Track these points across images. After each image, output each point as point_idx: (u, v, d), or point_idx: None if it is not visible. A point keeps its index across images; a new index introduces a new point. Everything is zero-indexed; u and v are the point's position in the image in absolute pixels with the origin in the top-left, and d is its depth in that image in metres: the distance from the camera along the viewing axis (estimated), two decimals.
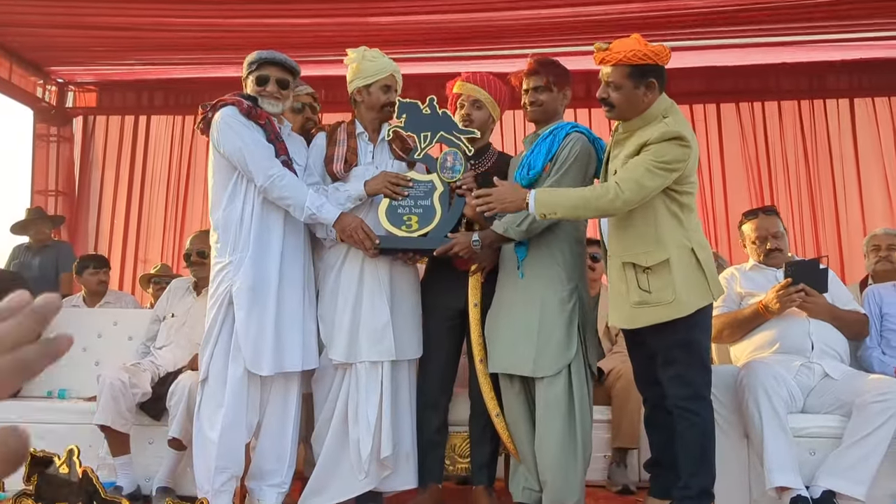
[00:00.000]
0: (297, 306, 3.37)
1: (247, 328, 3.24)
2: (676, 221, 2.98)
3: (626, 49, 2.97)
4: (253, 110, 3.35)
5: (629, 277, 3.02)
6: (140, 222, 7.55)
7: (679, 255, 2.95)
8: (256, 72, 3.42)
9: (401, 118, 3.37)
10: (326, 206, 3.29)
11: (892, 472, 3.27)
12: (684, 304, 2.93)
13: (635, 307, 3.01)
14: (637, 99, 3.01)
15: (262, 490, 3.37)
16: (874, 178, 7.27)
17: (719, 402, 3.49)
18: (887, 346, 3.76)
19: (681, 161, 2.90)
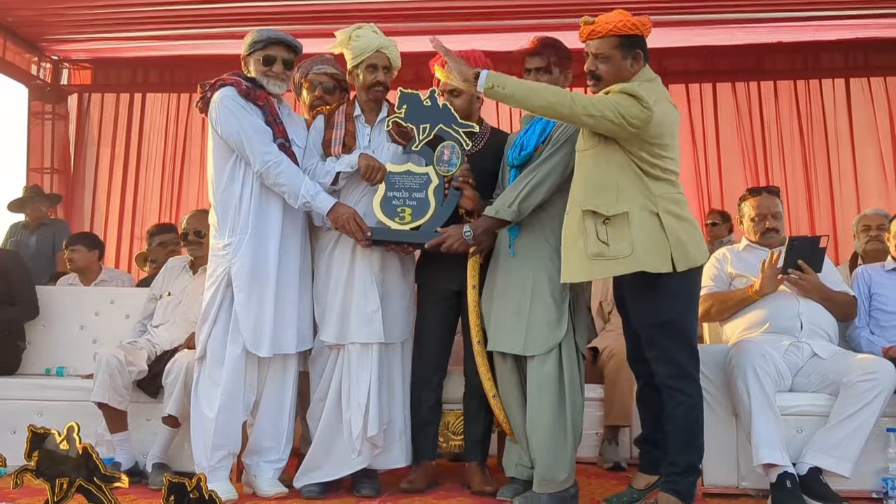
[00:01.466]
0: (294, 288, 3.41)
1: (247, 309, 3.28)
2: (642, 185, 2.98)
3: (615, 20, 3.02)
4: (252, 91, 3.36)
5: (588, 228, 3.02)
6: (136, 200, 7.57)
7: (640, 216, 2.96)
8: (262, 51, 3.41)
9: (401, 109, 3.35)
10: (321, 196, 3.31)
11: (877, 450, 3.33)
12: (641, 261, 2.94)
13: (592, 259, 3.01)
14: (625, 70, 3.05)
15: (259, 466, 3.43)
16: (869, 157, 7.30)
17: (709, 381, 3.54)
18: (875, 326, 3.80)
19: (637, 118, 2.90)
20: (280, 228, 3.37)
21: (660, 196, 2.99)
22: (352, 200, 3.43)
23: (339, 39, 3.46)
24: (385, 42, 3.47)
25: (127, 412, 3.79)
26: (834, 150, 7.30)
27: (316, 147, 3.50)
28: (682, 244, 2.97)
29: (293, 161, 3.36)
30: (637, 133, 2.93)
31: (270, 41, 3.41)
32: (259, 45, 3.41)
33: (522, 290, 3.25)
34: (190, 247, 4.21)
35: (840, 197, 7.23)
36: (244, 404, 3.34)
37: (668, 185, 3.02)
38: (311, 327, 3.48)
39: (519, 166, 3.35)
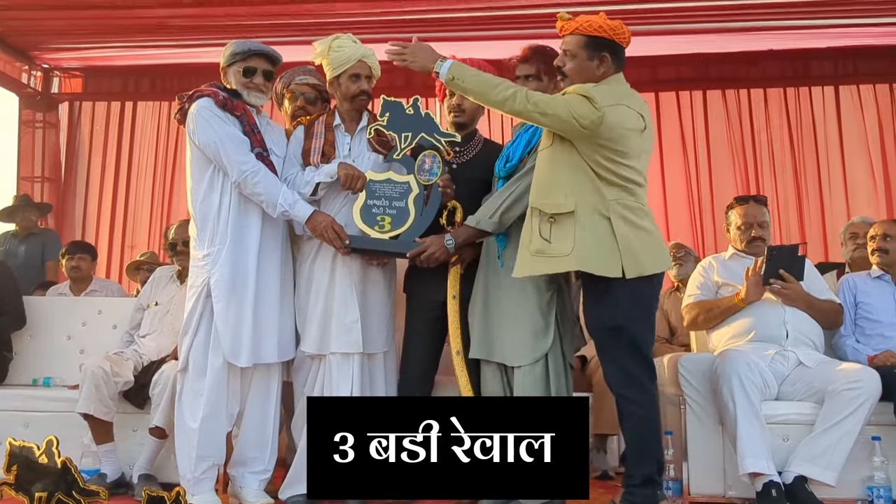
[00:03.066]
0: (275, 297, 3.40)
1: (225, 320, 3.28)
2: (594, 187, 2.98)
3: (585, 20, 3.05)
4: (229, 101, 3.36)
5: (534, 224, 3.05)
6: (127, 209, 7.56)
7: (589, 217, 2.96)
8: (242, 63, 3.42)
9: (383, 116, 3.35)
10: (299, 204, 3.32)
11: (862, 458, 3.32)
12: (582, 261, 2.94)
13: (534, 255, 3.02)
14: (589, 71, 3.06)
15: (245, 477, 3.41)
16: (858, 164, 7.31)
17: (695, 390, 3.56)
18: (861, 334, 3.81)
19: (586, 118, 2.91)
20: (259, 238, 3.37)
21: (613, 201, 2.98)
22: (332, 210, 3.42)
23: (319, 50, 3.46)
24: (366, 51, 3.47)
25: (113, 423, 3.78)
26: (824, 156, 7.32)
27: (296, 157, 3.50)
28: (634, 252, 2.95)
29: (272, 170, 3.36)
30: (588, 134, 2.94)
31: (251, 53, 3.41)
32: (239, 57, 3.42)
33: (510, 300, 3.25)
34: (177, 257, 4.20)
35: (830, 204, 7.25)
36: (228, 415, 3.33)
37: (623, 192, 3.00)
38: (292, 337, 3.48)
39: (505, 177, 3.36)
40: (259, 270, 3.35)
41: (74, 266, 5.29)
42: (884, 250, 3.92)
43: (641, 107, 3.09)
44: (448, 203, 3.42)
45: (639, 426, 3.03)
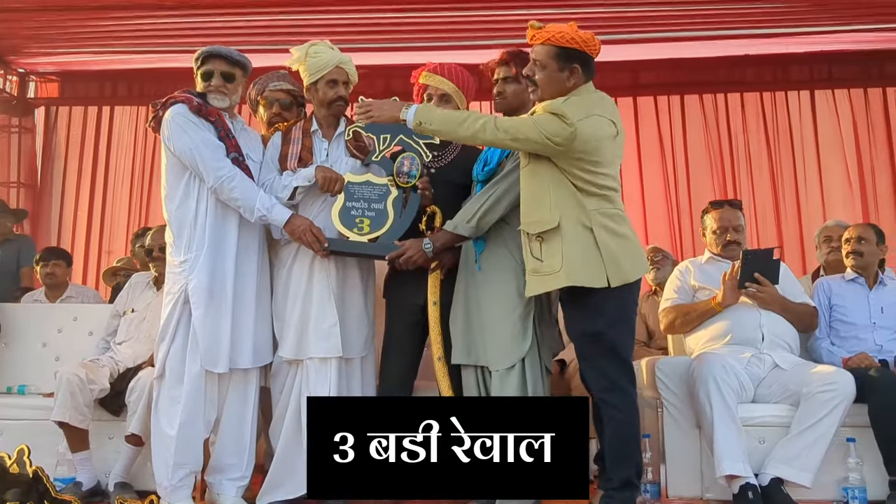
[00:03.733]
0: (252, 303, 3.39)
1: (204, 326, 3.26)
2: (575, 200, 2.99)
3: (556, 31, 3.03)
4: (203, 107, 3.35)
5: (525, 245, 3.09)
6: (104, 215, 7.49)
7: (573, 230, 2.97)
8: (202, 67, 3.42)
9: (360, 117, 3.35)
10: (277, 208, 3.31)
11: (837, 460, 3.36)
12: (571, 276, 2.95)
13: (530, 275, 3.07)
14: (560, 82, 3.05)
15: (222, 484, 3.40)
16: (834, 168, 7.38)
17: (672, 393, 3.58)
18: (836, 336, 3.85)
19: (559, 136, 2.91)
20: (237, 244, 3.36)
21: (594, 211, 2.98)
22: (310, 214, 3.41)
23: (296, 56, 3.45)
24: (343, 57, 3.47)
25: (88, 431, 3.74)
26: (800, 160, 7.38)
27: (273, 162, 3.49)
28: (616, 260, 2.97)
29: (248, 175, 3.35)
30: (563, 150, 2.94)
31: (207, 55, 3.41)
32: (199, 62, 3.43)
33: (488, 304, 3.25)
34: (154, 262, 4.17)
35: (806, 207, 7.31)
36: (205, 422, 3.31)
37: (602, 201, 3.01)
38: (268, 342, 3.47)
39: (483, 181, 3.37)
40: (237, 275, 3.34)
41: (49, 273, 5.24)
42: (858, 253, 3.96)
43: (612, 112, 3.09)
44: (427, 208, 3.42)
45: (619, 430, 3.05)
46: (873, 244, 3.98)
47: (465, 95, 3.56)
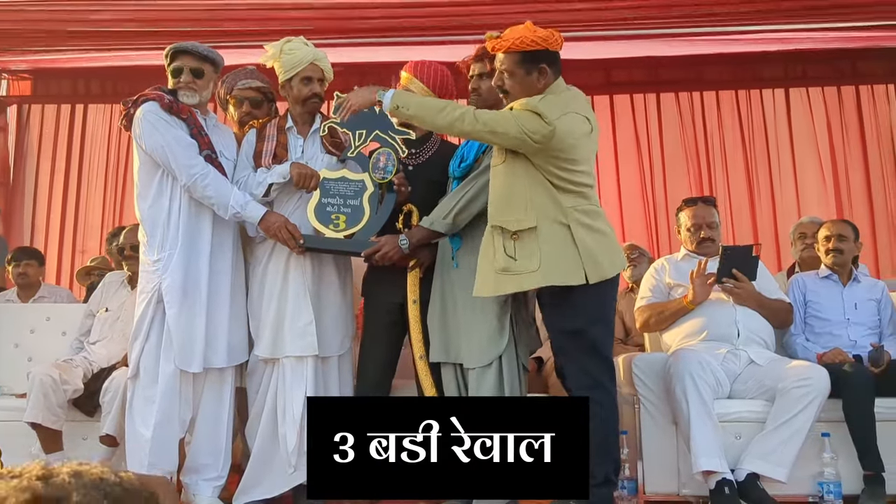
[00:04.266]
0: (226, 302, 3.37)
1: (178, 325, 3.23)
2: (552, 198, 2.98)
3: (515, 36, 3.01)
4: (174, 104, 3.32)
5: (497, 243, 3.04)
6: (77, 214, 7.41)
7: (550, 228, 2.96)
8: (171, 64, 3.39)
9: (337, 113, 3.30)
10: (251, 205, 3.29)
11: (813, 455, 3.39)
12: (548, 276, 2.94)
13: (500, 274, 3.02)
14: (531, 85, 3.04)
15: (198, 484, 3.37)
16: (808, 165, 7.45)
17: (648, 389, 3.59)
18: (811, 332, 3.89)
19: (538, 133, 2.90)
20: (211, 242, 3.34)
21: (570, 208, 2.98)
22: (285, 211, 3.40)
23: (270, 53, 3.43)
24: (318, 54, 3.45)
25: (62, 432, 3.70)
26: (775, 158, 7.44)
27: (248, 159, 3.47)
28: (594, 257, 2.97)
29: (221, 173, 3.33)
30: (541, 148, 2.93)
31: (175, 52, 3.38)
32: (167, 58, 3.40)
33: (464, 302, 3.25)
34: (127, 261, 4.14)
35: (781, 204, 7.37)
36: (180, 422, 3.29)
37: (579, 197, 3.01)
38: (243, 341, 3.44)
39: (460, 177, 3.36)
40: (211, 274, 3.31)
41: (21, 273, 5.18)
42: (839, 251, 3.98)
43: (586, 108, 3.10)
44: (404, 206, 3.41)
45: (599, 426, 3.04)
46: (851, 242, 4.02)
47: (435, 94, 3.50)
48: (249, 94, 3.69)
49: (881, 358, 3.56)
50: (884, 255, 6.86)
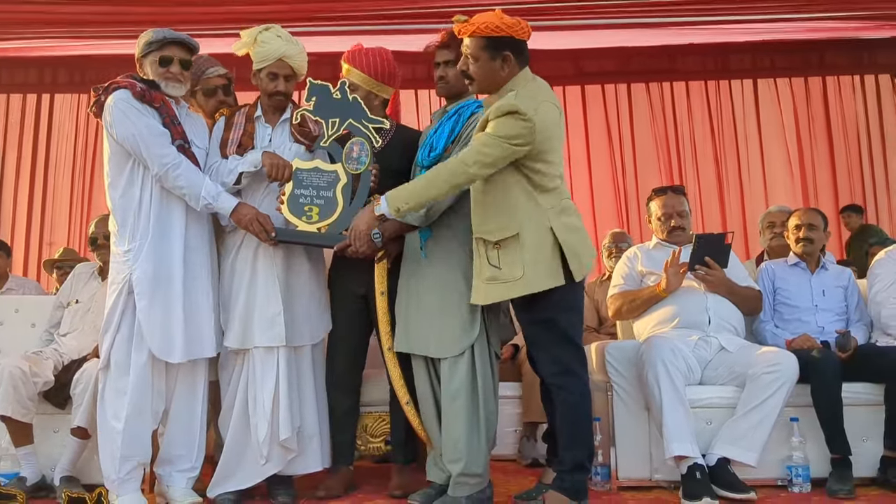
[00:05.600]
0: (203, 292, 3.33)
1: (150, 317, 3.19)
2: (532, 202, 2.99)
3: (481, 21, 3.00)
4: (147, 93, 3.27)
5: (481, 253, 3.06)
6: (44, 205, 7.34)
7: (532, 234, 2.97)
8: (158, 52, 3.31)
9: (310, 101, 3.26)
10: (223, 196, 3.25)
11: (781, 439, 3.45)
12: (532, 282, 2.95)
13: (487, 283, 3.04)
14: (494, 72, 3.03)
15: (172, 476, 3.34)
16: (776, 154, 7.58)
17: (621, 376, 3.63)
18: (780, 319, 3.94)
19: (521, 136, 2.90)
20: (184, 233, 3.29)
21: (550, 209, 2.99)
22: (255, 200, 3.36)
23: (245, 41, 3.38)
24: (288, 50, 3.38)
25: (32, 425, 3.66)
26: (743, 147, 7.56)
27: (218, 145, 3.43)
28: (578, 256, 2.99)
29: (193, 162, 3.28)
30: (528, 149, 2.93)
31: (166, 41, 3.31)
32: (155, 46, 3.31)
33: (434, 292, 3.24)
34: (98, 251, 4.08)
35: (750, 193, 7.49)
36: (153, 413, 3.25)
37: (555, 196, 3.02)
38: (219, 331, 3.41)
39: (428, 166, 3.33)
40: (186, 265, 3.26)
41: None
42: (809, 240, 4.04)
43: (552, 95, 3.10)
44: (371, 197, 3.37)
45: (571, 413, 3.07)
46: (821, 230, 4.08)
47: (381, 83, 3.50)
48: (220, 82, 3.65)
49: (848, 343, 3.62)
50: None
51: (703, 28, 7.00)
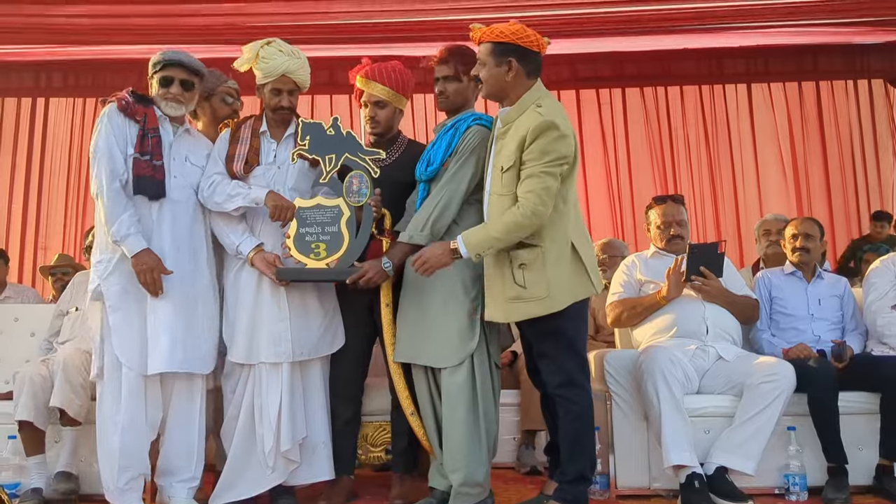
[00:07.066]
0: (193, 305, 3.31)
1: (120, 330, 3.21)
2: (557, 214, 3.03)
3: (490, 28, 3.07)
4: (130, 106, 3.28)
5: (505, 273, 3.08)
6: (39, 211, 7.32)
7: (555, 250, 3.01)
8: (160, 73, 3.34)
9: (304, 140, 3.29)
10: (130, 239, 3.17)
11: (779, 448, 3.48)
12: (557, 300, 3.00)
13: (510, 302, 3.06)
14: (499, 77, 3.08)
15: (173, 486, 3.35)
16: (770, 159, 7.62)
17: (620, 386, 3.65)
18: (776, 328, 3.97)
19: (568, 153, 2.98)
20: (166, 246, 3.26)
21: (571, 222, 3.06)
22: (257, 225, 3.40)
23: (246, 56, 3.37)
24: (291, 65, 3.37)
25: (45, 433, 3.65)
26: (737, 152, 7.59)
27: (221, 158, 3.42)
28: (594, 266, 3.07)
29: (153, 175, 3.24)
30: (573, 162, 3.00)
31: (167, 62, 3.34)
32: (158, 67, 3.35)
33: (435, 302, 3.26)
34: None
35: (744, 199, 7.52)
36: (150, 423, 3.25)
37: (571, 205, 3.07)
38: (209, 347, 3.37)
39: (426, 181, 3.36)
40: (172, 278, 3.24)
41: None
42: (806, 249, 4.06)
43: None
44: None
45: (574, 424, 3.10)
46: (817, 240, 4.10)
47: (402, 94, 3.54)
48: (233, 94, 3.72)
49: (844, 353, 3.66)
50: (841, 249, 7.03)
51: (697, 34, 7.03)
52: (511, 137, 3.06)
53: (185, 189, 3.35)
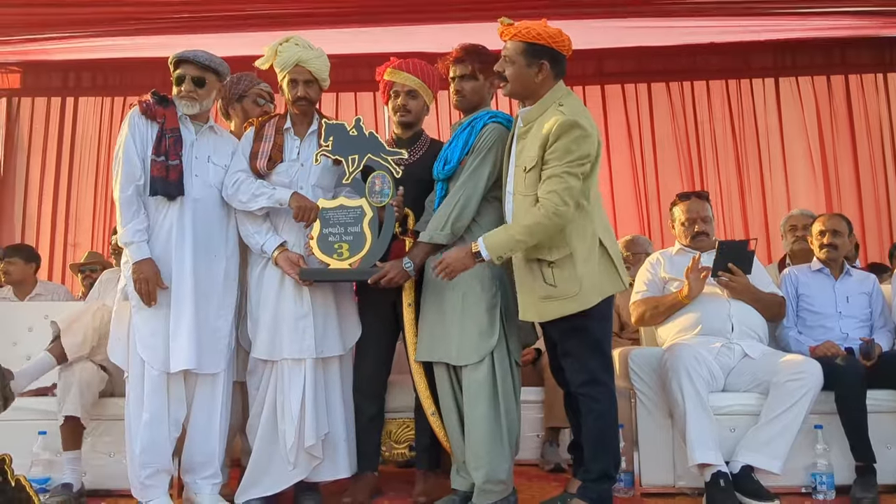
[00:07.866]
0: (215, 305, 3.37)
1: (141, 327, 3.27)
2: (583, 213, 3.02)
3: (525, 26, 3.04)
4: (150, 108, 3.33)
5: (535, 273, 3.08)
6: (69, 208, 7.39)
7: (584, 248, 3.01)
8: (174, 71, 3.40)
9: (327, 141, 3.31)
10: (134, 246, 3.26)
11: (806, 446, 3.45)
12: (588, 297, 3.00)
13: (542, 301, 3.07)
14: (528, 78, 3.07)
15: (197, 483, 3.38)
16: (798, 154, 7.50)
17: (644, 384, 3.64)
18: (803, 325, 3.93)
19: (590, 153, 2.97)
20: (194, 243, 3.32)
21: (598, 219, 3.06)
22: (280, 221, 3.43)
23: (267, 55, 3.42)
24: (305, 55, 3.40)
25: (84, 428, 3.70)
26: (765, 147, 7.49)
27: (245, 155, 3.46)
28: (621, 261, 3.07)
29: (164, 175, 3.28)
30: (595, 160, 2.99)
31: (178, 60, 3.39)
32: (172, 67, 3.41)
33: (454, 300, 3.27)
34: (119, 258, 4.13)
35: (771, 195, 7.41)
36: (173, 420, 3.29)
37: (598, 202, 3.07)
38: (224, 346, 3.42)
39: (444, 180, 3.37)
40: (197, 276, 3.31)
41: (4, 270, 5.17)
42: (834, 246, 4.02)
43: None
44: None
45: (598, 422, 3.10)
46: (845, 237, 4.06)
47: (431, 89, 3.57)
48: (265, 95, 3.79)
49: (872, 351, 3.61)
50: (872, 245, 6.92)
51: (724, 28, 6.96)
52: (533, 137, 3.05)
53: (207, 188, 3.40)
